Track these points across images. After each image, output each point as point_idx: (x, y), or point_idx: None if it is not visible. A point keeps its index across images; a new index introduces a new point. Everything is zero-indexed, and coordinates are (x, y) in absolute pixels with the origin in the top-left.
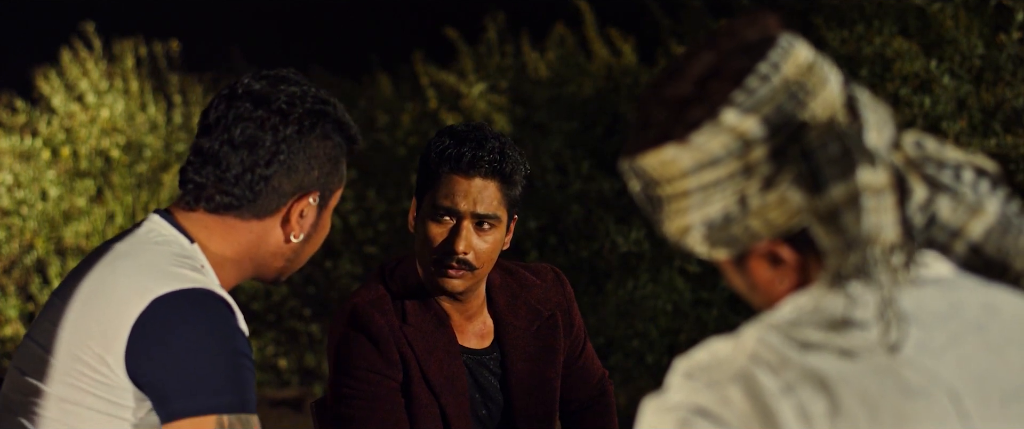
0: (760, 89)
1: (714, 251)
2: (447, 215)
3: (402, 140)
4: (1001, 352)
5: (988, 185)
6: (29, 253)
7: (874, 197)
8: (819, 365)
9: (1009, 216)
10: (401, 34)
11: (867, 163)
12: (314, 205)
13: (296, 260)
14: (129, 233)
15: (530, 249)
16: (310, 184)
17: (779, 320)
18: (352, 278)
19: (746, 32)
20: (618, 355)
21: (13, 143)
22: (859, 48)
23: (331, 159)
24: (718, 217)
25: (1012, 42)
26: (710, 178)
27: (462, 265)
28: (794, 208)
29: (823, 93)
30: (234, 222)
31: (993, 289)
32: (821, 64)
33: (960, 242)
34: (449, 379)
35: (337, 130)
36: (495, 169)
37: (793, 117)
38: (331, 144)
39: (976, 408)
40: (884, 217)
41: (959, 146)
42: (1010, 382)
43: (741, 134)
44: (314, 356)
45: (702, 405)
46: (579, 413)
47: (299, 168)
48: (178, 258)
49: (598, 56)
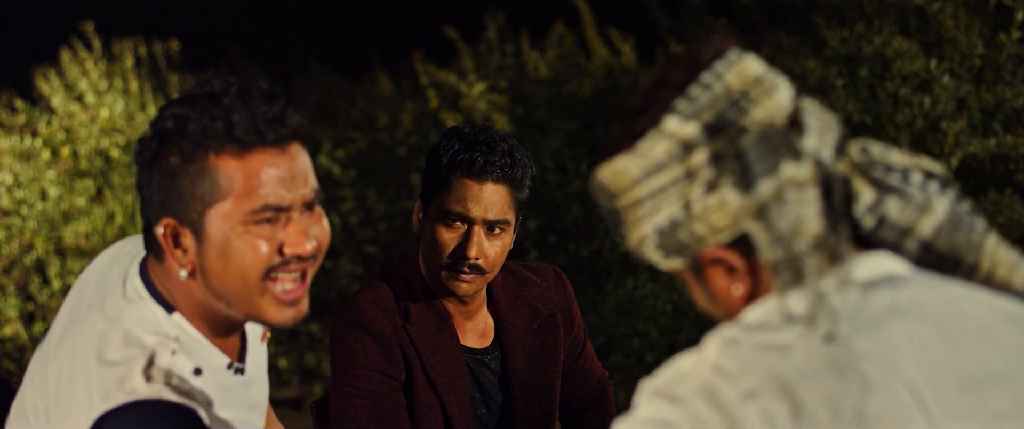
0: (701, 97)
1: (668, 260)
2: (459, 220)
3: (402, 140)
4: (957, 344)
5: (937, 186)
6: (29, 253)
7: (796, 190)
8: (779, 367)
9: (959, 214)
10: (401, 33)
11: (790, 158)
12: (174, 233)
13: (225, 295)
14: (110, 286)
15: (530, 249)
16: (158, 210)
17: (739, 327)
18: (352, 278)
19: (701, 52)
20: (618, 354)
21: (13, 143)
22: (859, 47)
23: (175, 173)
24: (666, 224)
25: (1012, 42)
26: (656, 184)
27: (473, 270)
28: (733, 210)
29: (766, 102)
30: (163, 271)
31: (948, 283)
32: (770, 78)
33: (911, 240)
34: (451, 378)
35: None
36: (506, 174)
37: (733, 123)
38: (170, 161)
39: (934, 399)
40: (806, 209)
41: (958, 146)
42: (967, 372)
43: (682, 139)
44: (314, 356)
45: (669, 420)
46: (579, 413)
47: (145, 193)
48: (134, 349)
49: (597, 55)
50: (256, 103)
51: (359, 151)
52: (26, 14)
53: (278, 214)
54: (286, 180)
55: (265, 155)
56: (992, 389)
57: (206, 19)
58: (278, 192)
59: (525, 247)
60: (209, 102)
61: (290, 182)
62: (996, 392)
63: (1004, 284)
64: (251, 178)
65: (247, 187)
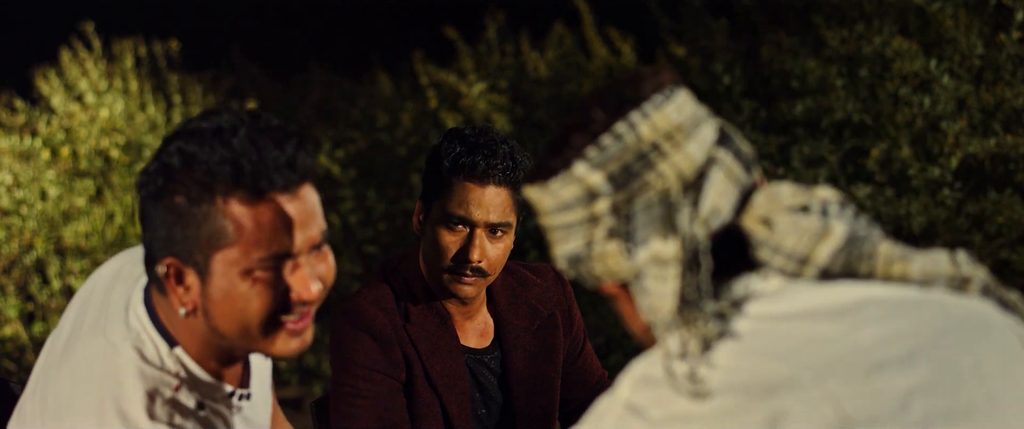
0: (611, 147)
1: (580, 280)
2: (461, 224)
3: (402, 140)
4: (855, 335)
5: (837, 208)
6: (29, 253)
7: (657, 266)
8: (691, 407)
9: (856, 230)
10: (401, 33)
11: (660, 236)
12: (178, 272)
13: (228, 336)
14: (113, 308)
15: (530, 248)
16: (161, 249)
17: (649, 362)
18: (352, 278)
19: (631, 88)
20: (617, 354)
21: (13, 143)
22: (859, 47)
23: (182, 213)
24: (573, 254)
25: (1012, 42)
26: (565, 220)
27: (476, 272)
28: (622, 263)
29: (675, 156)
30: (162, 301)
31: (836, 284)
32: (690, 125)
33: (810, 268)
34: (451, 378)
35: (184, 178)
36: (508, 177)
37: (638, 177)
38: (176, 200)
39: (839, 386)
40: (663, 286)
41: (958, 146)
42: (867, 359)
43: (588, 187)
44: (314, 356)
45: None
46: (578, 413)
47: (152, 233)
48: (136, 382)
49: (597, 55)
50: (267, 145)
51: (359, 151)
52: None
53: (284, 260)
54: (295, 226)
55: (275, 201)
56: (897, 369)
57: (206, 19)
58: (285, 240)
59: (525, 247)
60: (217, 141)
61: (300, 228)
62: (902, 371)
63: (902, 278)
64: (261, 226)
65: (255, 235)
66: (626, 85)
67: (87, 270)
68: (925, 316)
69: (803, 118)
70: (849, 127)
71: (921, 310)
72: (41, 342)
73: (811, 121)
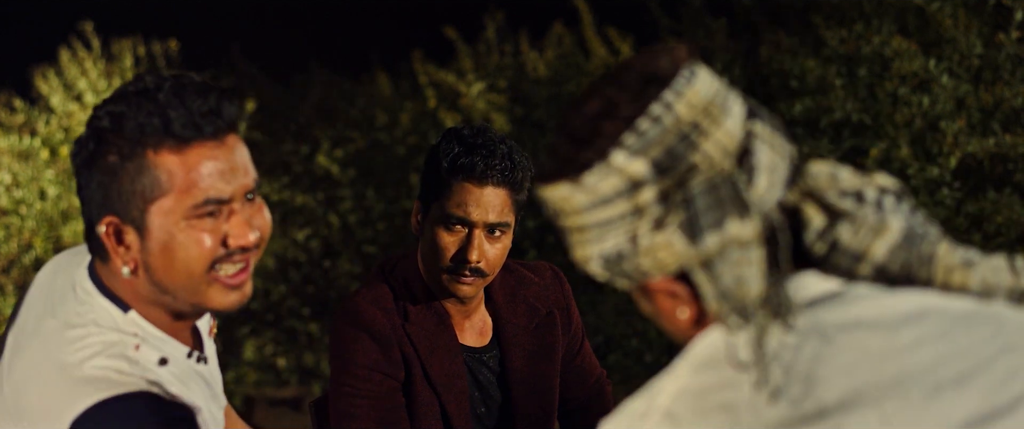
0: (650, 131)
1: (613, 281)
2: (459, 224)
3: (401, 139)
4: (914, 353)
5: (893, 201)
6: (28, 252)
7: (740, 250)
8: (733, 400)
9: (913, 227)
10: (400, 33)
11: (736, 214)
12: (117, 231)
13: (171, 289)
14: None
15: (529, 248)
16: (99, 209)
17: (689, 367)
18: (351, 277)
19: (649, 66)
20: (617, 354)
21: (12, 142)
22: (858, 47)
23: (115, 170)
24: (612, 253)
25: (1011, 41)
26: (603, 216)
27: (475, 273)
28: (679, 252)
29: (717, 133)
30: (106, 270)
31: (894, 292)
32: (721, 100)
33: (865, 265)
34: (450, 377)
35: (115, 137)
36: (506, 178)
37: (683, 159)
38: (109, 159)
39: (896, 411)
40: (749, 270)
41: (957, 145)
42: (928, 381)
43: (630, 176)
44: (313, 355)
45: None
46: (577, 413)
47: (86, 194)
48: (97, 348)
49: (596, 55)
50: (191, 97)
51: (358, 151)
52: (25, 14)
53: (220, 206)
54: (226, 172)
55: (204, 148)
56: (953, 394)
57: (205, 19)
58: (219, 185)
59: (524, 246)
60: (144, 99)
61: (230, 174)
62: (958, 397)
63: (961, 287)
64: (191, 173)
65: (187, 182)
66: (642, 63)
67: None
68: (983, 333)
69: (802, 118)
70: (848, 127)
71: (979, 327)
72: None
73: (810, 121)
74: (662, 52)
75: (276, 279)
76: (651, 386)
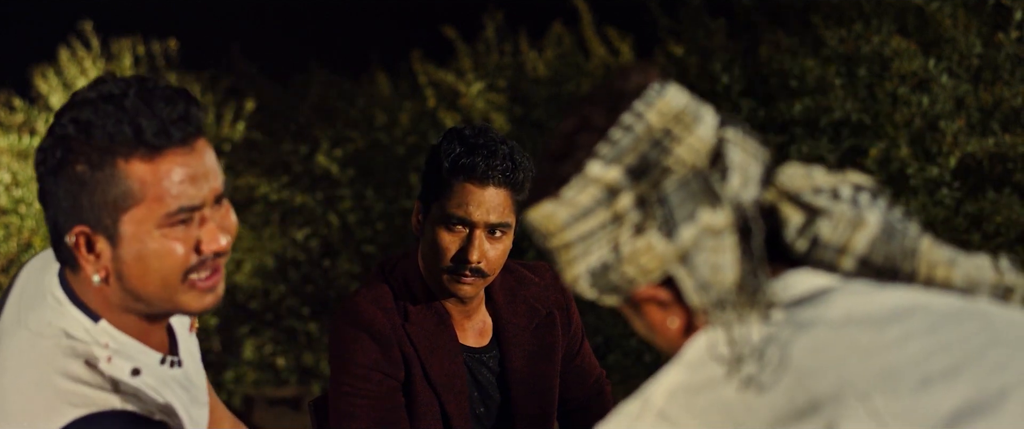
0: (623, 140)
1: (603, 298)
2: (460, 224)
3: (401, 139)
4: (902, 347)
5: (868, 197)
6: (27, 251)
7: (713, 238)
8: (726, 397)
9: (892, 222)
10: (399, 33)
11: (708, 204)
12: (87, 240)
13: (144, 297)
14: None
15: (528, 248)
16: (69, 219)
17: (682, 368)
18: (350, 277)
19: (620, 83)
20: (616, 354)
21: (11, 142)
22: (857, 47)
23: (84, 180)
24: (598, 266)
25: (1010, 41)
26: (585, 229)
27: (475, 273)
28: (660, 254)
29: (689, 139)
30: (76, 278)
31: (882, 288)
32: (693, 110)
33: (847, 258)
34: (450, 377)
35: (83, 146)
36: (507, 178)
37: (657, 164)
38: (77, 168)
39: (885, 404)
40: (722, 257)
41: (957, 145)
42: (915, 374)
43: (607, 184)
44: (312, 355)
45: None
46: (576, 413)
47: (52, 204)
48: (69, 361)
49: (596, 55)
50: (160, 104)
51: (357, 150)
52: (25, 13)
53: (192, 214)
54: (197, 178)
55: (175, 156)
56: (941, 387)
57: (205, 18)
58: (190, 192)
59: (523, 246)
60: (111, 105)
61: (201, 179)
62: (946, 390)
63: (945, 283)
64: (163, 181)
65: (159, 190)
66: (614, 80)
67: None
68: (971, 328)
69: (802, 117)
70: (848, 126)
71: (966, 322)
72: None
73: (810, 120)
74: (633, 70)
75: (275, 279)
76: (645, 388)
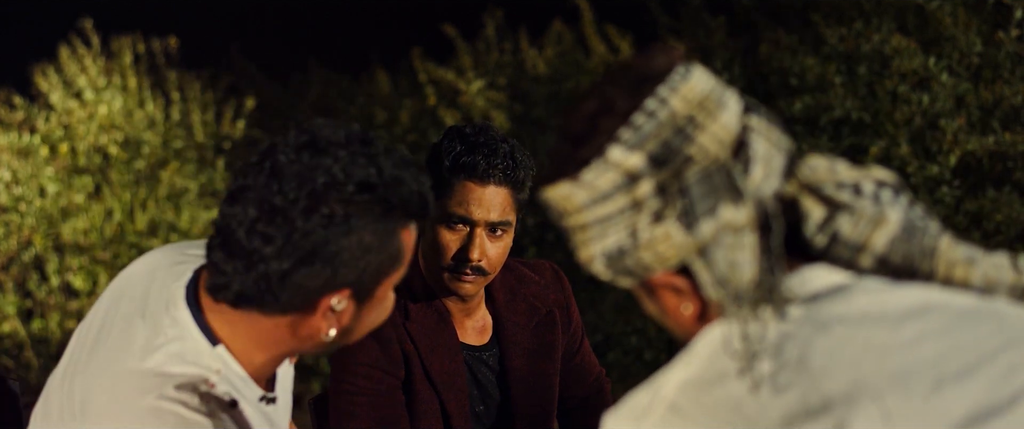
0: (646, 125)
1: (617, 280)
2: (461, 223)
3: (401, 137)
4: (916, 347)
5: (890, 194)
6: (27, 250)
7: (733, 234)
8: (737, 392)
9: (912, 220)
10: (399, 31)
11: (730, 201)
12: (349, 300)
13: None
14: (152, 302)
15: (528, 246)
16: (341, 280)
17: (694, 360)
18: None
19: (644, 65)
20: (616, 352)
21: (11, 140)
22: (858, 45)
23: (371, 248)
24: (614, 249)
25: (1011, 40)
26: (603, 212)
27: (476, 271)
28: (678, 243)
29: (713, 127)
30: (257, 317)
31: (899, 287)
32: (717, 96)
33: (866, 256)
34: (450, 376)
35: (386, 212)
36: (508, 177)
37: (679, 152)
38: (374, 230)
39: (898, 406)
40: (741, 254)
41: (957, 143)
42: (928, 375)
43: (627, 170)
44: None
45: None
46: (576, 411)
47: (329, 262)
48: (173, 378)
49: (596, 53)
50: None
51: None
52: (25, 11)
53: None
54: None
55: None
56: (955, 389)
57: (205, 17)
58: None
59: (524, 244)
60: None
61: None
62: (960, 391)
63: (963, 283)
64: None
65: (407, 258)
66: (638, 63)
67: (85, 267)
68: (986, 330)
69: (802, 116)
70: (848, 125)
71: (982, 323)
72: (40, 339)
73: (810, 119)
74: (658, 52)
75: None
76: (655, 379)
